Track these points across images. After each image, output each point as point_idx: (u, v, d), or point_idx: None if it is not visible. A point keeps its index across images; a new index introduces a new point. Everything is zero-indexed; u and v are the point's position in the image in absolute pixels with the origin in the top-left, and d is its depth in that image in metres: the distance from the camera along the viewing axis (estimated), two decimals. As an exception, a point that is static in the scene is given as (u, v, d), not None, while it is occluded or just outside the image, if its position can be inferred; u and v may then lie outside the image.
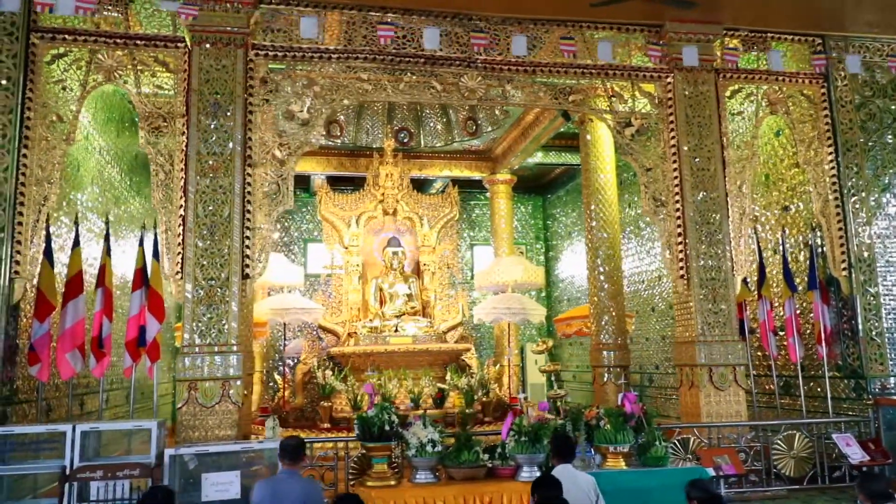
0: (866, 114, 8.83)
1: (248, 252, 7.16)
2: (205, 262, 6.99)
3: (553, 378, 10.01)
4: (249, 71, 7.46)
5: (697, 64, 8.09)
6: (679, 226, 8.16)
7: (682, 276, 8.12)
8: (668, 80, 8.41)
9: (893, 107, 8.90)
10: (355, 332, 11.97)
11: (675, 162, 8.25)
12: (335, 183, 16.49)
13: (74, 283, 7.22)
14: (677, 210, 8.19)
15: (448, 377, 11.14)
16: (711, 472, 6.88)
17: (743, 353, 8.03)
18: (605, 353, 10.43)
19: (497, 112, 13.70)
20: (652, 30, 8.49)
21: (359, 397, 10.34)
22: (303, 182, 17.10)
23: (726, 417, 7.81)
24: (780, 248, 9.18)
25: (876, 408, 7.90)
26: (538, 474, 6.64)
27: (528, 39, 8.06)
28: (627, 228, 13.97)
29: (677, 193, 8.21)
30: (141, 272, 7.49)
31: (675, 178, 8.24)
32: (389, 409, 6.67)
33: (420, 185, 16.83)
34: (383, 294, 12.64)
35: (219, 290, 6.98)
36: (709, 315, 7.99)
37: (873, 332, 8.36)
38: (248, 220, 7.22)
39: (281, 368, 13.86)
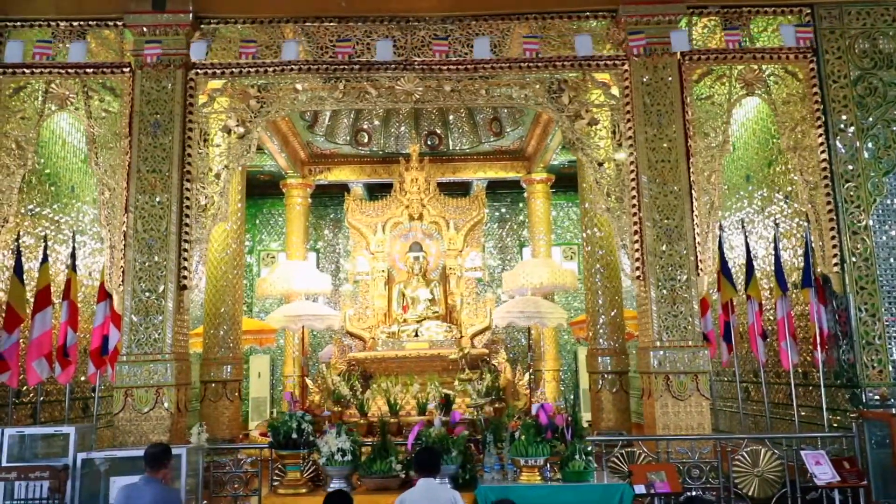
0: (865, 88, 7.79)
1: (185, 264, 7.44)
2: (142, 275, 7.34)
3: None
4: (190, 90, 7.77)
5: (643, 51, 7.50)
6: (636, 223, 7.60)
7: (638, 278, 7.55)
8: (625, 67, 7.86)
9: (901, 77, 7.81)
10: (374, 338, 12.16)
11: (631, 155, 7.69)
12: (376, 190, 16.74)
13: (43, 297, 7.82)
14: (634, 206, 7.63)
15: (456, 383, 11.03)
16: (642, 489, 6.37)
17: (707, 359, 7.33)
18: (600, 358, 9.89)
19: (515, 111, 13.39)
20: (608, 15, 7.98)
21: (364, 403, 10.48)
22: (346, 190, 17.49)
23: (686, 430, 7.17)
24: (774, 242, 8.31)
25: (861, 421, 6.95)
26: (449, 487, 6.44)
27: (467, 37, 7.84)
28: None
29: (633, 188, 7.65)
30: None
31: (632, 171, 7.68)
32: (300, 417, 6.70)
33: (466, 189, 16.72)
34: (406, 299, 12.71)
35: (155, 301, 7.30)
36: (667, 318, 7.37)
37: (870, 335, 7.36)
38: (186, 233, 7.51)
39: (314, 373, 14.32)
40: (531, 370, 14.37)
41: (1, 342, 7.52)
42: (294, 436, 6.51)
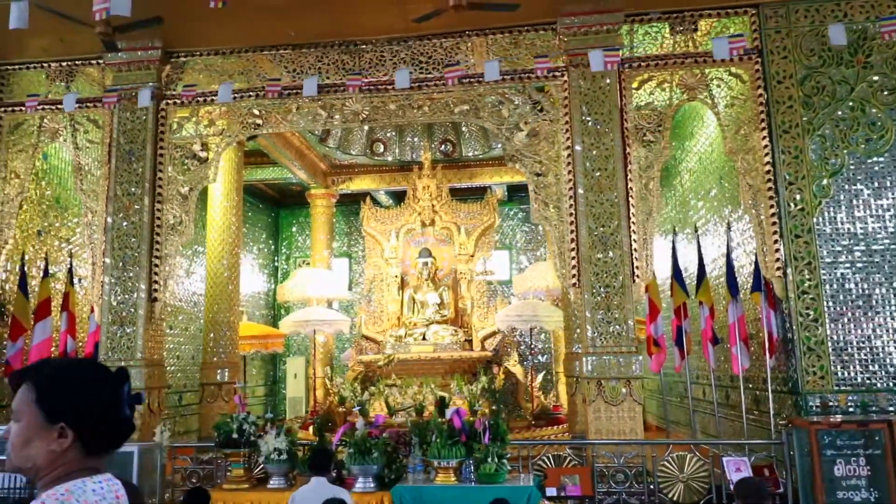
0: (812, 87, 7.61)
1: (155, 278, 8.19)
2: (118, 289, 8.14)
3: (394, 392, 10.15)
4: (161, 119, 8.52)
5: (600, 66, 7.57)
6: (573, 231, 7.75)
7: (574, 285, 7.70)
8: (564, 78, 8.01)
9: (851, 74, 7.57)
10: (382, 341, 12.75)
11: (568, 164, 7.84)
12: (403, 197, 17.29)
13: (43, 308, 8.79)
14: (571, 214, 7.78)
15: (453, 385, 11.43)
16: (554, 492, 6.57)
17: (640, 365, 7.40)
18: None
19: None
20: (547, 28, 8.15)
21: (366, 404, 11.07)
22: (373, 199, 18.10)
23: (619, 434, 7.27)
24: (727, 245, 8.23)
25: (790, 428, 6.84)
26: (372, 485, 6.86)
27: (413, 55, 8.21)
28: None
29: (571, 197, 7.80)
30: (99, 297, 8.90)
31: (569, 180, 7.83)
32: (242, 418, 7.25)
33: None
34: (417, 303, 13.22)
35: (128, 312, 8.09)
36: (601, 324, 7.49)
37: (812, 341, 7.22)
38: (157, 250, 8.25)
39: (331, 375, 15.03)
40: (532, 372, 14.53)
41: (7, 349, 8.54)
42: (235, 436, 7.08)
